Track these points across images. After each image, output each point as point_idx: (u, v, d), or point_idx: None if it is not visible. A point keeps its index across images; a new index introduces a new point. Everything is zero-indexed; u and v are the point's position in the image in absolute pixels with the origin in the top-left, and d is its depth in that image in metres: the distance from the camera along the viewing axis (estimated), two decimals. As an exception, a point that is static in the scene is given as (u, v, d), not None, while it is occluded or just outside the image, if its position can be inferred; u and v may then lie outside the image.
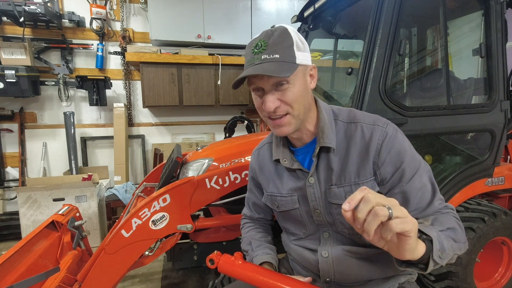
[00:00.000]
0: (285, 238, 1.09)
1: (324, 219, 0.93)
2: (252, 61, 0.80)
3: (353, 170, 0.86)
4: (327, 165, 0.89)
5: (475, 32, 1.86)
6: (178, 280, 2.22)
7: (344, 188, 0.87)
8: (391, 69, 1.43)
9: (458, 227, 0.80)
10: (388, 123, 0.87)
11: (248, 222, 1.18)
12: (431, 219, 0.79)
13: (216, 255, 0.92)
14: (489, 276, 1.84)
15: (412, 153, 0.86)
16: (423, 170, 0.86)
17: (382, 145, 0.84)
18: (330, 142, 0.87)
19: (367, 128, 0.86)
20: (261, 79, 0.80)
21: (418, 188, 0.84)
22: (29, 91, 2.92)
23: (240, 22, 3.44)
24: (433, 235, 0.69)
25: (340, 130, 0.89)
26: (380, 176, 0.86)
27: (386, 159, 0.84)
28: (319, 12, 1.92)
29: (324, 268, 0.94)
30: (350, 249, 0.92)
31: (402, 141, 0.86)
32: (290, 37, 0.80)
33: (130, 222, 1.33)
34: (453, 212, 0.85)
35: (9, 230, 2.92)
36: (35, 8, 2.73)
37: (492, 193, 1.95)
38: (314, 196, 0.91)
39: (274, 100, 0.80)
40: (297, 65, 0.79)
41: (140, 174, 3.71)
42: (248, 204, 1.18)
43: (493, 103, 1.67)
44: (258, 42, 0.81)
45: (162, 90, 3.25)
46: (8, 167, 3.29)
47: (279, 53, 0.78)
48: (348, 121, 0.90)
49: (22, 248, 1.27)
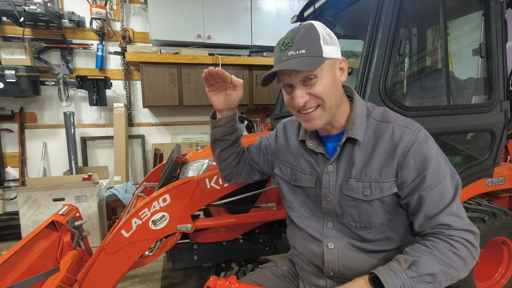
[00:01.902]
0: (291, 231, 1.08)
1: (332, 208, 0.93)
2: (280, 59, 0.82)
3: (375, 168, 0.86)
4: (349, 157, 0.89)
5: (475, 32, 1.86)
6: (178, 280, 2.22)
7: (363, 183, 0.87)
8: (391, 69, 1.43)
9: (452, 258, 0.79)
10: (420, 129, 0.86)
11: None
12: (410, 261, 0.79)
13: (212, 281, 0.93)
14: (489, 276, 1.84)
15: (438, 163, 0.84)
16: (447, 183, 0.84)
17: (410, 149, 0.83)
18: (358, 135, 0.87)
19: (398, 129, 0.86)
20: (289, 75, 0.82)
21: (435, 198, 0.83)
22: (29, 91, 2.92)
23: (240, 22, 3.44)
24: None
25: (371, 126, 0.90)
26: (401, 179, 0.85)
27: (411, 163, 0.83)
28: (319, 12, 1.92)
29: (329, 260, 0.94)
30: (355, 243, 0.92)
31: (431, 148, 0.85)
32: (316, 32, 0.81)
33: (130, 222, 1.33)
34: (458, 237, 0.81)
35: (9, 230, 2.92)
36: (35, 8, 2.72)
37: (492, 193, 1.95)
38: (328, 183, 0.92)
39: (303, 95, 0.82)
40: (324, 59, 0.80)
41: (140, 174, 3.71)
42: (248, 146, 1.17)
43: (493, 103, 1.67)
44: (285, 40, 0.82)
45: (162, 90, 3.25)
46: (8, 167, 3.29)
47: (305, 48, 0.79)
48: (380, 119, 0.90)
49: (22, 248, 1.27)
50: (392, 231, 0.91)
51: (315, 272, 1.01)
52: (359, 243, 0.92)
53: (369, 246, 0.91)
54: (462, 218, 0.84)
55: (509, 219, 1.68)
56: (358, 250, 0.92)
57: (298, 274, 1.11)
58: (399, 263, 0.80)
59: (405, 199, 0.87)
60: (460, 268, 0.80)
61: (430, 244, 0.82)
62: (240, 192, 1.54)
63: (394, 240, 0.91)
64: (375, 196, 0.87)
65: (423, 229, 0.86)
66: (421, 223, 0.85)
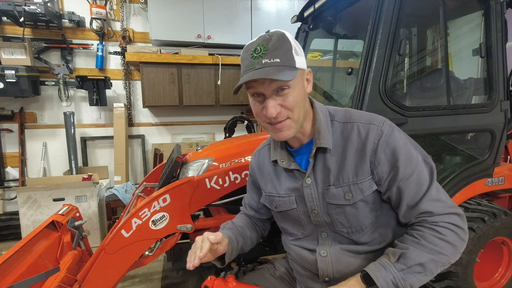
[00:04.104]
0: (284, 238, 1.09)
1: (322, 220, 0.93)
2: (252, 66, 0.79)
3: (350, 170, 0.86)
4: (324, 166, 0.89)
5: (475, 32, 1.86)
6: (178, 280, 2.22)
7: (343, 188, 0.87)
8: (391, 69, 1.43)
9: (439, 245, 0.79)
10: (384, 122, 0.87)
11: (240, 214, 1.20)
12: (399, 254, 0.80)
13: (209, 281, 0.93)
14: (489, 276, 1.84)
15: (408, 151, 0.85)
16: (421, 169, 0.85)
17: (378, 144, 0.84)
18: (327, 143, 0.87)
19: (363, 127, 0.86)
20: (262, 84, 0.79)
21: (413, 187, 0.84)
22: (29, 91, 2.92)
23: (240, 22, 3.44)
24: (380, 284, 0.77)
25: (337, 130, 0.90)
26: (377, 175, 0.86)
27: (382, 157, 0.84)
28: (319, 12, 1.92)
29: (323, 268, 0.94)
30: (348, 247, 0.92)
31: (398, 139, 0.85)
32: (288, 42, 0.80)
33: (130, 222, 1.33)
34: (442, 223, 0.81)
35: (9, 230, 2.92)
36: (35, 8, 2.73)
37: (492, 193, 1.95)
38: (311, 196, 0.92)
39: (276, 106, 0.80)
40: (297, 69, 0.79)
41: (140, 174, 3.71)
42: (244, 203, 1.19)
43: (493, 103, 1.66)
44: (256, 47, 0.79)
45: (162, 90, 3.25)
46: (8, 167, 3.29)
47: (279, 57, 0.77)
48: (344, 121, 0.90)
49: (22, 248, 1.27)
50: (384, 227, 0.91)
51: (311, 276, 1.01)
52: (353, 246, 0.92)
53: (364, 248, 0.91)
54: (443, 201, 0.84)
55: (509, 219, 1.68)
56: (352, 254, 0.92)
57: (295, 278, 1.11)
58: (388, 257, 0.81)
59: (386, 194, 0.88)
60: (449, 253, 0.80)
61: (416, 233, 0.82)
62: (240, 192, 1.54)
63: (388, 235, 0.92)
64: (357, 198, 0.87)
65: (408, 219, 0.86)
66: (405, 214, 0.86)
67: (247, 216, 1.16)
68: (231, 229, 1.05)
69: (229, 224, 1.10)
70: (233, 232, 1.03)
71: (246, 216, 1.16)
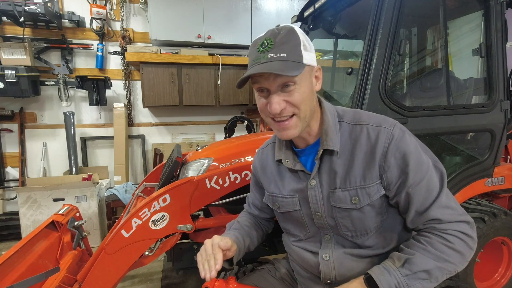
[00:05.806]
0: (286, 239, 1.08)
1: (326, 222, 0.91)
2: (258, 60, 0.77)
3: (358, 174, 0.84)
4: (330, 168, 0.87)
5: (475, 32, 1.86)
6: (178, 280, 2.22)
7: (350, 192, 0.85)
8: (391, 69, 1.43)
9: (446, 253, 0.78)
10: (394, 125, 0.84)
11: (245, 212, 1.19)
12: (404, 259, 0.78)
13: (210, 282, 0.92)
14: (489, 276, 1.84)
15: (418, 157, 0.82)
16: (431, 175, 0.83)
17: (389, 148, 0.81)
18: (334, 145, 0.84)
19: (372, 130, 0.83)
20: (267, 79, 0.77)
21: (422, 193, 0.81)
22: (29, 91, 2.92)
23: (240, 22, 3.44)
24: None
25: (345, 132, 0.87)
26: (386, 180, 0.83)
27: (392, 162, 0.81)
28: (319, 12, 1.92)
29: (325, 271, 0.92)
30: (351, 251, 0.90)
31: (409, 143, 0.82)
32: (297, 36, 0.78)
33: (130, 222, 1.33)
34: (451, 230, 0.79)
35: (9, 230, 2.92)
36: (35, 8, 2.73)
37: (492, 193, 1.95)
38: (315, 199, 0.89)
39: (280, 102, 0.78)
40: (304, 65, 0.77)
41: (140, 174, 3.71)
42: (248, 202, 1.18)
43: (493, 103, 1.66)
44: (264, 41, 0.77)
45: (162, 90, 3.25)
46: (8, 167, 3.29)
47: (286, 52, 0.75)
48: (353, 122, 0.87)
49: (22, 248, 1.27)
50: (389, 231, 0.90)
51: (313, 278, 0.99)
52: (357, 250, 0.90)
53: (368, 252, 0.89)
54: (453, 208, 0.82)
55: (509, 219, 1.68)
56: (355, 258, 0.90)
57: (296, 279, 1.10)
58: (393, 261, 0.80)
59: (394, 199, 0.85)
60: (456, 261, 0.79)
61: (423, 239, 0.81)
62: (240, 192, 1.54)
63: (393, 239, 0.90)
64: (364, 203, 0.84)
65: (416, 225, 0.85)
66: (413, 220, 0.84)
67: (251, 215, 1.16)
68: (238, 229, 1.05)
69: (235, 224, 1.09)
70: (240, 232, 1.03)
71: (251, 215, 1.16)
